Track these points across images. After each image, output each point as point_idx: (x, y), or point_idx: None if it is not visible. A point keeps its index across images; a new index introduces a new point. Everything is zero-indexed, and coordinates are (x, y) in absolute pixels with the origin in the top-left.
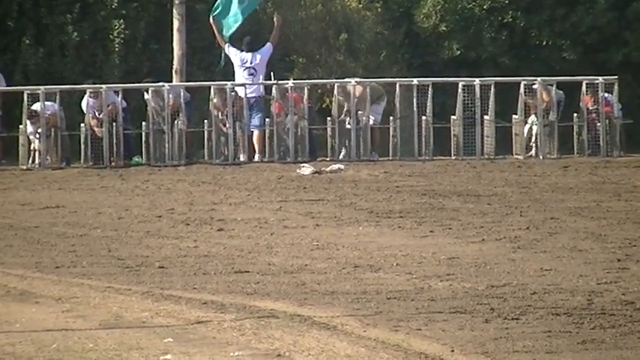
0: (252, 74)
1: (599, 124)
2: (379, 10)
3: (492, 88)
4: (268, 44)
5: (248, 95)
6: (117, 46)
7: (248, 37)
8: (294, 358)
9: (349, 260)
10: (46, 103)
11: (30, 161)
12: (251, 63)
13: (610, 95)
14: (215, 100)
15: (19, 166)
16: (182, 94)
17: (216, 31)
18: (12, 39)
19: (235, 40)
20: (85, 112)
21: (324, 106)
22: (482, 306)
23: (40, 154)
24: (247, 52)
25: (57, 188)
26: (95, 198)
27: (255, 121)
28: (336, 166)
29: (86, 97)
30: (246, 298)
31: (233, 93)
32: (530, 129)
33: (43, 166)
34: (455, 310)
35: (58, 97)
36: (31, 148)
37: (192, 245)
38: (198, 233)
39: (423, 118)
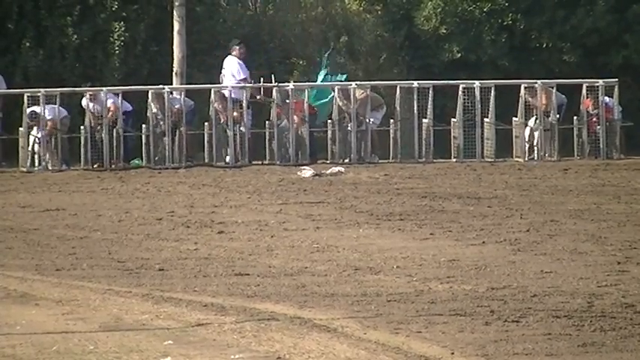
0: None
1: (599, 126)
2: (379, 12)
3: (492, 91)
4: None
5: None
6: (117, 48)
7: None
8: None
9: (349, 262)
10: (49, 106)
11: (29, 163)
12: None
13: (610, 99)
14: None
15: (20, 169)
16: (183, 100)
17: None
18: (12, 41)
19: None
20: (85, 108)
21: None
22: (482, 308)
23: (39, 156)
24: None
25: (57, 190)
26: (95, 200)
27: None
28: (336, 169)
29: (85, 99)
30: (246, 300)
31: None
32: (533, 132)
33: (44, 168)
34: (455, 312)
35: (58, 99)
36: (29, 149)
37: (193, 248)
38: (198, 236)
39: (424, 120)
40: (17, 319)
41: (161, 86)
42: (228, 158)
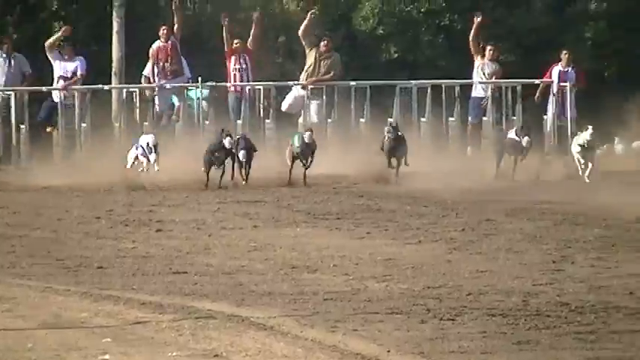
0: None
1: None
2: (318, 12)
3: (429, 90)
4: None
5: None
6: (57, 47)
7: None
8: (232, 359)
9: (287, 261)
10: None
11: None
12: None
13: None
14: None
15: None
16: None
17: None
18: None
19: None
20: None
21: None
22: (418, 307)
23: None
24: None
25: None
26: (35, 199)
27: None
28: None
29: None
30: (184, 298)
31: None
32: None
33: None
34: (391, 310)
35: None
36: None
37: (131, 246)
38: (136, 234)
39: (361, 120)
40: None
41: (100, 86)
42: None
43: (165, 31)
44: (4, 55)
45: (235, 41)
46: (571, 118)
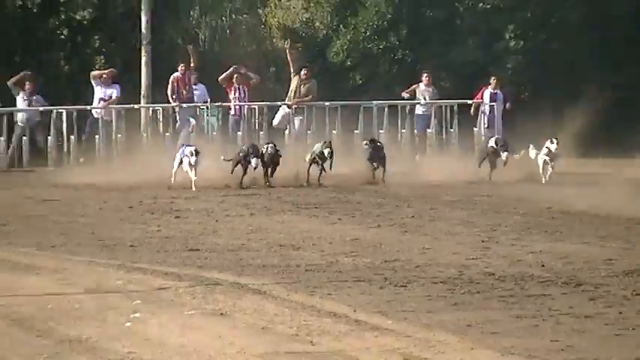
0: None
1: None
2: (300, 49)
3: (386, 109)
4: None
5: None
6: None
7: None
8: (234, 316)
9: (276, 241)
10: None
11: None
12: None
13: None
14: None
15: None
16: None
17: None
18: (17, 71)
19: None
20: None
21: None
22: (378, 276)
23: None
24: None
25: (51, 186)
26: (81, 193)
27: None
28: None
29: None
30: (197, 270)
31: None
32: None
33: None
34: (357, 279)
35: (53, 115)
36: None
37: (156, 229)
38: (160, 220)
39: (333, 132)
40: (22, 285)
41: (132, 105)
42: None
43: (183, 67)
44: (25, 98)
45: (235, 75)
46: (498, 129)
